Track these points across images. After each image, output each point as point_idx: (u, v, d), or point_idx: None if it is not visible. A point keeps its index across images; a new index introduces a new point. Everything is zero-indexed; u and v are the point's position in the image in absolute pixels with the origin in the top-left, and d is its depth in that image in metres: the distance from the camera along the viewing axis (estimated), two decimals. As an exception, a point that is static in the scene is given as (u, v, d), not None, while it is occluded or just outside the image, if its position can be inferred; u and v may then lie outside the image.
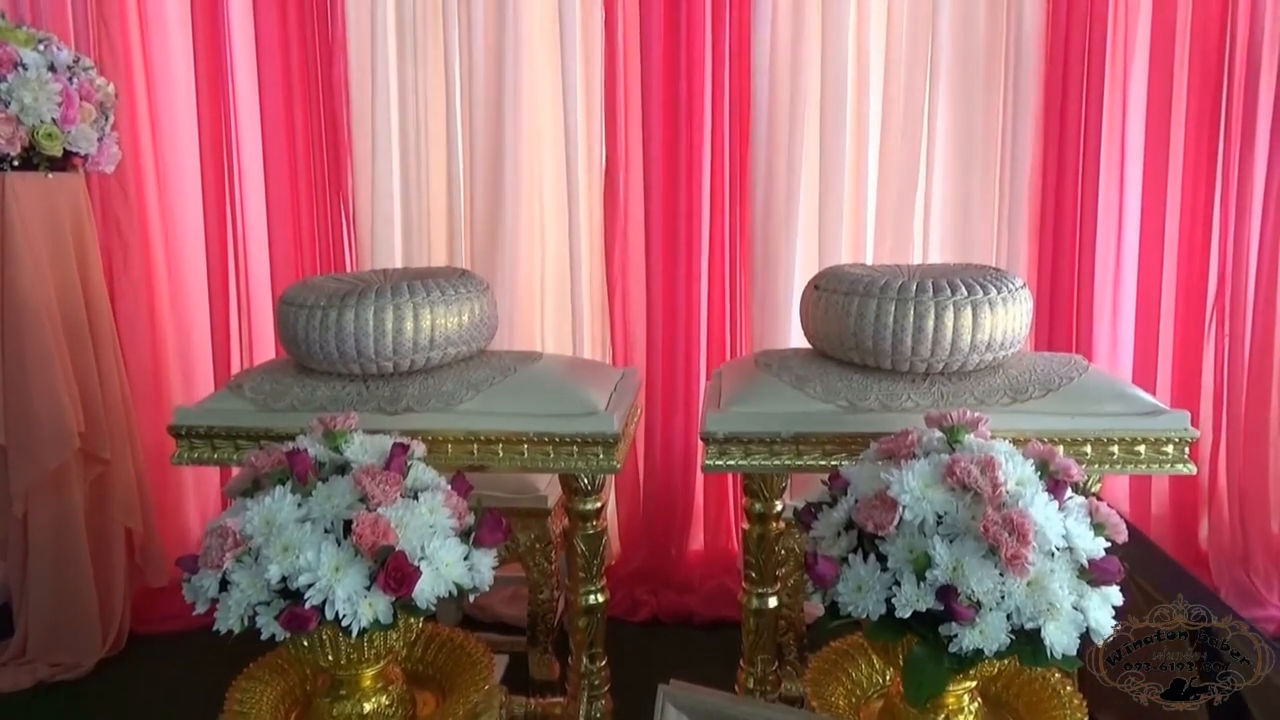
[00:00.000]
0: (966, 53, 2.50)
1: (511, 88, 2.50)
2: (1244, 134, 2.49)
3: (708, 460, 1.66)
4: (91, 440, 2.32)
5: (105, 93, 2.33)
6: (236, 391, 1.73)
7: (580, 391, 1.71)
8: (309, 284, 1.74)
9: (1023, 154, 2.50)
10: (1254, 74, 2.47)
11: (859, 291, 1.62)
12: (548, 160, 2.61)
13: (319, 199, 2.58)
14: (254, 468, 1.43)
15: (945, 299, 1.58)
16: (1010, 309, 1.62)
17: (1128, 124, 2.50)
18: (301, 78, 2.54)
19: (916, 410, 1.60)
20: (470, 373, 1.72)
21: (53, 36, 2.29)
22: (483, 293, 1.76)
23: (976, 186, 2.54)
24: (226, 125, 2.57)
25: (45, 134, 2.18)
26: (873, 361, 1.65)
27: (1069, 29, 2.44)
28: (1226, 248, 2.53)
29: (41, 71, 2.16)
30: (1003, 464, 1.31)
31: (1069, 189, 2.48)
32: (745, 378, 1.76)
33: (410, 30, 2.51)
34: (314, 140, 2.56)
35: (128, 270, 2.58)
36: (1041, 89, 2.48)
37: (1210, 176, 2.52)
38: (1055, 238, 2.50)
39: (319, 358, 1.65)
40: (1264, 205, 2.51)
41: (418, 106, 2.53)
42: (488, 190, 2.55)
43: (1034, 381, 1.65)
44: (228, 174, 2.58)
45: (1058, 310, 2.51)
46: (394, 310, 1.62)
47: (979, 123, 2.52)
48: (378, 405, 1.66)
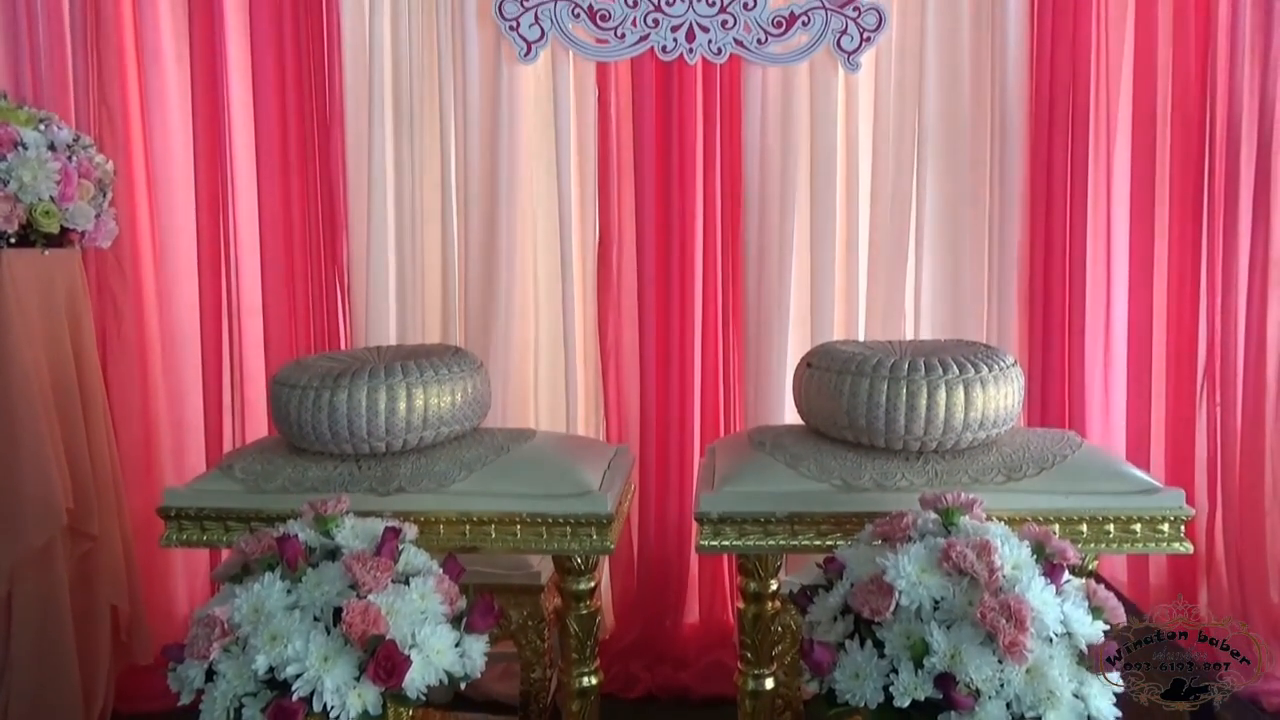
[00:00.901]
0: (952, 132, 2.55)
1: (506, 163, 2.54)
2: (1227, 206, 2.53)
3: (702, 541, 1.65)
4: (80, 516, 2.29)
5: (104, 170, 2.35)
6: (227, 472, 1.72)
7: (574, 470, 1.70)
8: (302, 364, 1.75)
9: (1010, 230, 2.53)
10: (1234, 146, 2.51)
11: (851, 370, 1.63)
12: (542, 236, 2.63)
13: (314, 273, 2.59)
14: (243, 553, 1.41)
15: (937, 378, 1.59)
16: (1002, 387, 1.62)
17: (1113, 199, 2.54)
18: (299, 153, 2.57)
19: (911, 489, 1.60)
20: (463, 452, 1.72)
21: (54, 116, 2.32)
22: (475, 371, 1.76)
23: (966, 262, 2.57)
24: (224, 200, 2.59)
25: (43, 211, 2.19)
26: (866, 440, 1.65)
27: (1052, 108, 2.50)
28: (1214, 319, 2.56)
29: (41, 151, 2.18)
30: (999, 548, 1.31)
31: (1057, 264, 2.51)
32: (739, 456, 1.75)
33: (406, 106, 2.54)
34: (310, 214, 2.58)
35: (122, 344, 2.58)
36: (1026, 166, 2.53)
37: (1195, 248, 2.55)
38: (1045, 313, 2.52)
39: (311, 438, 1.65)
40: (1250, 275, 2.54)
41: (413, 181, 2.56)
42: (482, 265, 2.57)
43: (1028, 460, 1.65)
44: (224, 248, 2.59)
45: (1049, 385, 2.52)
46: (387, 390, 1.62)
47: (966, 200, 2.56)
48: (370, 486, 1.65)
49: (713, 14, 2.50)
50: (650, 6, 2.49)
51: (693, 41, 2.50)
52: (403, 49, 2.53)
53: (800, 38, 2.51)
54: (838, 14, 2.50)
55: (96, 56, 2.55)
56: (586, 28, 2.51)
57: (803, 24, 2.50)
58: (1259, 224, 2.52)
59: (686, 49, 2.51)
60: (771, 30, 2.50)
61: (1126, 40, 2.55)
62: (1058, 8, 2.49)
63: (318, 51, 2.55)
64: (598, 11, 2.50)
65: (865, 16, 2.50)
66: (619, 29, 2.50)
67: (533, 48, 2.51)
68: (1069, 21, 2.48)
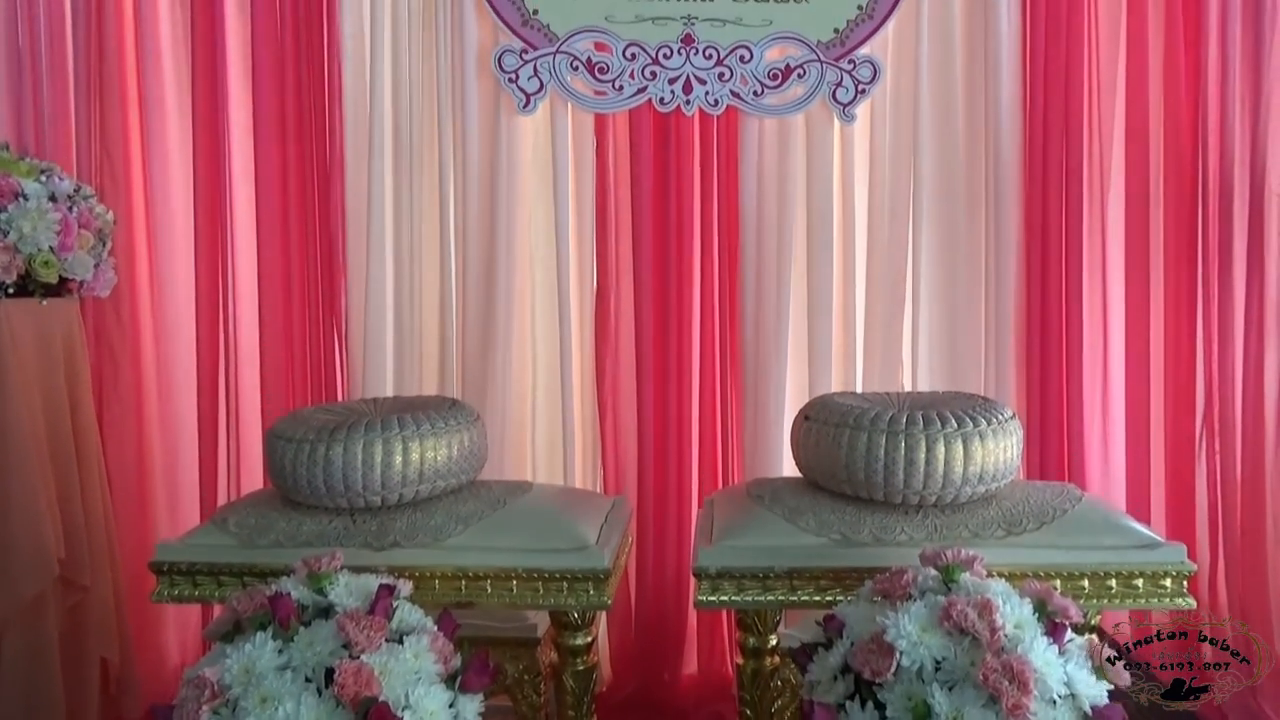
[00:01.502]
0: (947, 182, 2.57)
1: (504, 213, 2.55)
2: (1221, 254, 2.54)
3: (700, 596, 1.63)
4: (71, 566, 2.27)
5: (104, 220, 2.37)
6: (221, 526, 1.70)
7: (570, 524, 1.69)
8: (298, 416, 1.74)
9: (1006, 280, 2.54)
10: (1227, 195, 2.53)
11: (849, 424, 1.63)
12: (540, 285, 2.64)
13: (312, 322, 2.59)
14: (235, 611, 1.39)
15: (935, 431, 1.58)
16: (1001, 440, 1.62)
17: (1107, 248, 2.55)
18: (298, 202, 2.58)
19: (911, 544, 1.59)
20: (459, 506, 1.70)
21: (55, 167, 2.34)
22: (472, 423, 1.76)
23: (962, 312, 2.58)
24: (222, 249, 2.60)
25: (42, 262, 2.20)
26: (865, 494, 1.64)
27: (1045, 158, 2.52)
28: (1212, 367, 2.55)
29: (42, 201, 2.19)
30: (1000, 606, 1.29)
31: (1053, 314, 2.51)
32: (737, 509, 1.74)
33: (406, 156, 2.56)
34: (309, 264, 2.59)
35: (118, 392, 2.57)
36: (1021, 216, 2.54)
37: (1191, 297, 2.56)
38: (1042, 363, 2.52)
39: (306, 492, 1.64)
40: (1245, 323, 2.54)
41: (412, 231, 2.57)
42: (479, 315, 2.57)
43: (1028, 514, 1.64)
44: (222, 297, 2.60)
45: (1048, 436, 2.51)
46: (383, 444, 1.61)
47: (962, 250, 2.57)
48: (364, 540, 1.64)
49: (709, 67, 2.53)
50: (648, 60, 2.53)
51: (690, 93, 2.53)
52: (403, 100, 2.56)
53: (796, 90, 2.54)
54: (833, 67, 2.53)
55: (99, 106, 2.57)
56: (585, 80, 2.54)
57: (798, 76, 2.54)
58: (1253, 272, 2.53)
59: (684, 101, 2.53)
60: (767, 83, 2.53)
61: (1118, 92, 2.58)
62: (1050, 60, 2.52)
63: (319, 101, 2.57)
64: (596, 64, 2.53)
65: (860, 69, 2.53)
66: (617, 81, 2.53)
67: (532, 99, 2.53)
68: (1061, 73, 2.51)
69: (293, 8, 2.54)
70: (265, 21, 2.54)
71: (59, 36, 2.57)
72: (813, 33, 2.53)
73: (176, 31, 2.63)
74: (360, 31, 2.58)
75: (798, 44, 2.53)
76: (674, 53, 2.53)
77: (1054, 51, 2.51)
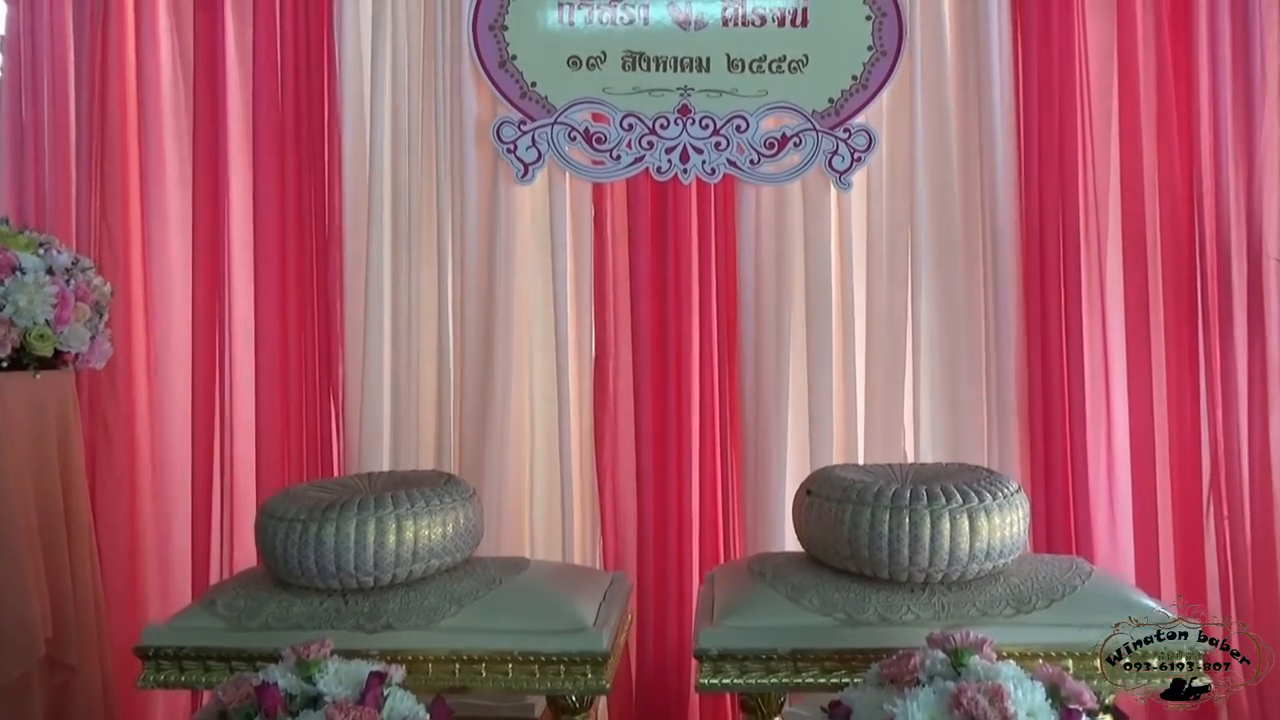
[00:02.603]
0: (945, 248, 2.56)
1: (502, 282, 2.54)
2: (1221, 317, 2.52)
3: (702, 679, 1.59)
4: (58, 646, 2.21)
5: (101, 292, 2.36)
6: (209, 608, 1.66)
7: (568, 604, 1.65)
8: (291, 494, 1.71)
9: (1006, 346, 2.51)
10: (1225, 258, 2.53)
11: (852, 499, 1.60)
12: (538, 354, 2.61)
13: (309, 391, 2.57)
14: (220, 702, 1.35)
15: (940, 507, 1.56)
16: (1006, 515, 1.59)
17: (1107, 313, 2.54)
18: (297, 271, 2.58)
19: (917, 623, 1.55)
20: (453, 585, 1.67)
21: (54, 239, 2.34)
22: (468, 500, 1.73)
23: (964, 378, 2.55)
24: (220, 319, 2.59)
25: (37, 335, 2.18)
26: (869, 571, 1.60)
27: (1042, 223, 2.52)
28: (1216, 431, 2.52)
29: (39, 275, 2.19)
30: (1012, 692, 1.25)
31: (1055, 380, 2.49)
32: (739, 586, 1.70)
33: (404, 225, 2.57)
34: (306, 334, 2.57)
35: (111, 466, 2.54)
36: (1020, 282, 2.53)
37: (1193, 360, 2.54)
38: (1046, 430, 2.48)
39: (297, 573, 1.60)
40: (1249, 385, 2.52)
41: (409, 301, 2.56)
42: (477, 384, 2.55)
43: (1037, 591, 1.60)
44: (219, 367, 2.58)
45: (1054, 507, 2.46)
46: (376, 523, 1.58)
47: (961, 316, 2.56)
48: (356, 622, 1.60)
49: (706, 136, 2.55)
50: (645, 130, 2.55)
51: (687, 162, 2.55)
52: (402, 170, 2.57)
53: (792, 158, 2.56)
54: (828, 135, 2.55)
55: (100, 176, 2.59)
56: (583, 150, 2.56)
57: (794, 145, 2.55)
58: (1255, 334, 2.52)
59: (681, 170, 2.55)
60: (764, 151, 2.55)
61: (1112, 158, 2.58)
62: (1043, 127, 2.53)
63: (318, 171, 2.59)
64: (593, 134, 2.55)
65: (856, 137, 2.55)
66: (614, 151, 2.55)
67: (530, 169, 2.55)
68: (1055, 140, 2.52)
69: (294, 77, 2.57)
70: (266, 91, 2.56)
71: (62, 108, 2.60)
72: (808, 102, 2.55)
73: (179, 102, 2.66)
74: (360, 101, 2.60)
75: (793, 113, 2.56)
76: (671, 123, 2.55)
77: (1047, 119, 2.53)
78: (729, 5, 2.57)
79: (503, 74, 2.55)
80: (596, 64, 2.56)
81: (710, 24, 2.57)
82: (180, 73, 2.65)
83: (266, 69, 2.57)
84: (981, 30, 2.53)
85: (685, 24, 2.57)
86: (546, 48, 2.56)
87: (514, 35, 2.56)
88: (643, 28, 2.56)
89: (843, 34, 2.55)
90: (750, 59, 2.56)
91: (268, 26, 2.57)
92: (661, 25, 2.56)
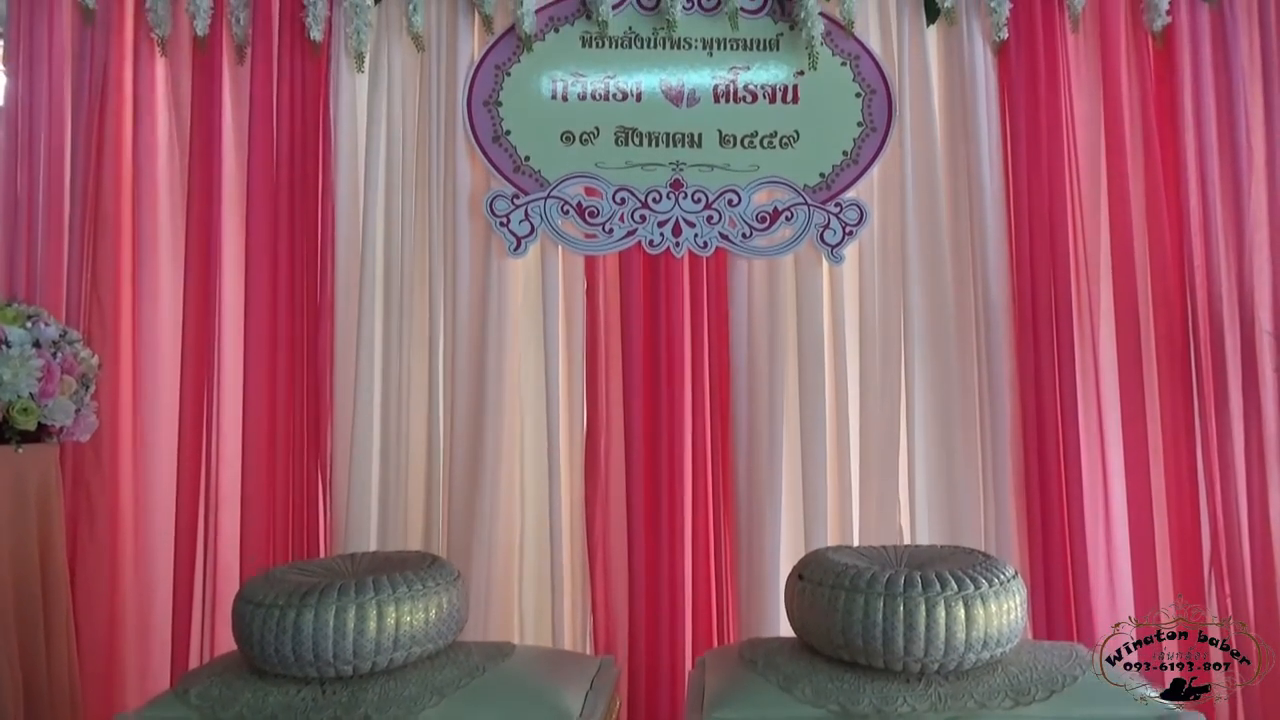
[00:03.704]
0: (938, 322, 2.55)
1: (494, 355, 2.52)
2: (1216, 394, 2.51)
3: (691, 775, 1.53)
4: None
5: (89, 365, 2.35)
6: (182, 698, 1.61)
7: (553, 694, 1.60)
8: (270, 578, 1.67)
9: (1001, 420, 2.49)
10: (1218, 331, 2.52)
11: (845, 585, 1.56)
12: (529, 427, 2.59)
13: (296, 464, 2.53)
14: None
15: (936, 594, 1.52)
16: (1004, 602, 1.55)
17: (1101, 388, 2.52)
18: (287, 343, 2.55)
19: (913, 715, 1.50)
20: (435, 674, 1.61)
21: (42, 312, 2.33)
22: (452, 583, 1.69)
23: (959, 453, 2.52)
24: (209, 390, 2.56)
25: (21, 409, 2.16)
26: (864, 660, 1.56)
27: (1035, 298, 2.51)
28: (1216, 508, 2.48)
29: (25, 348, 2.17)
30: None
31: (1051, 457, 2.46)
32: (730, 675, 1.65)
33: (397, 297, 2.56)
34: (295, 407, 2.54)
35: (93, 539, 2.49)
36: (1013, 357, 2.52)
37: (1189, 435, 2.51)
38: (1043, 509, 2.44)
39: (274, 661, 1.55)
40: (1247, 462, 2.49)
41: (400, 374, 2.54)
42: (467, 458, 2.51)
43: (1036, 681, 1.56)
44: (206, 440, 2.54)
45: (1053, 589, 2.41)
46: (356, 609, 1.54)
47: (956, 390, 2.54)
48: (334, 714, 1.54)
49: (698, 210, 2.56)
50: (637, 203, 2.56)
51: (679, 236, 2.56)
52: (394, 241, 2.57)
53: (784, 232, 2.57)
54: (820, 210, 2.56)
55: (93, 248, 2.58)
56: (575, 223, 2.56)
57: (786, 219, 2.56)
58: (1250, 408, 2.50)
59: (673, 243, 2.55)
60: (756, 225, 2.56)
61: (1102, 231, 2.59)
62: (1033, 201, 2.54)
63: (311, 241, 2.58)
64: (586, 208, 2.56)
65: (847, 211, 2.56)
66: (607, 224, 2.56)
67: (522, 242, 2.55)
68: (1045, 212, 2.53)
69: (289, 151, 2.58)
70: (261, 164, 2.57)
71: (57, 180, 2.59)
72: (799, 177, 2.57)
73: (174, 174, 2.66)
74: (354, 175, 2.61)
75: (785, 188, 2.57)
76: (663, 197, 2.56)
77: (1036, 193, 2.54)
78: (721, 82, 2.60)
79: (496, 149, 2.57)
80: (590, 139, 2.58)
81: (702, 100, 2.60)
82: (176, 145, 2.66)
83: (262, 142, 2.58)
84: (970, 106, 2.57)
85: (678, 100, 2.60)
86: (540, 123, 2.58)
87: (508, 111, 2.58)
88: (635, 104, 2.59)
89: (833, 111, 2.59)
90: (742, 134, 2.59)
91: (264, 100, 2.59)
92: (654, 101, 2.60)
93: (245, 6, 2.59)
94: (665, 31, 2.59)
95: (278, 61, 2.60)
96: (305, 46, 2.58)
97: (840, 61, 2.60)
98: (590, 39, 2.60)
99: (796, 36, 2.57)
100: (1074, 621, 2.40)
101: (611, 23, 2.57)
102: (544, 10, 2.60)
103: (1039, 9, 2.58)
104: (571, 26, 2.61)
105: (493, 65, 2.59)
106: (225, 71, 2.62)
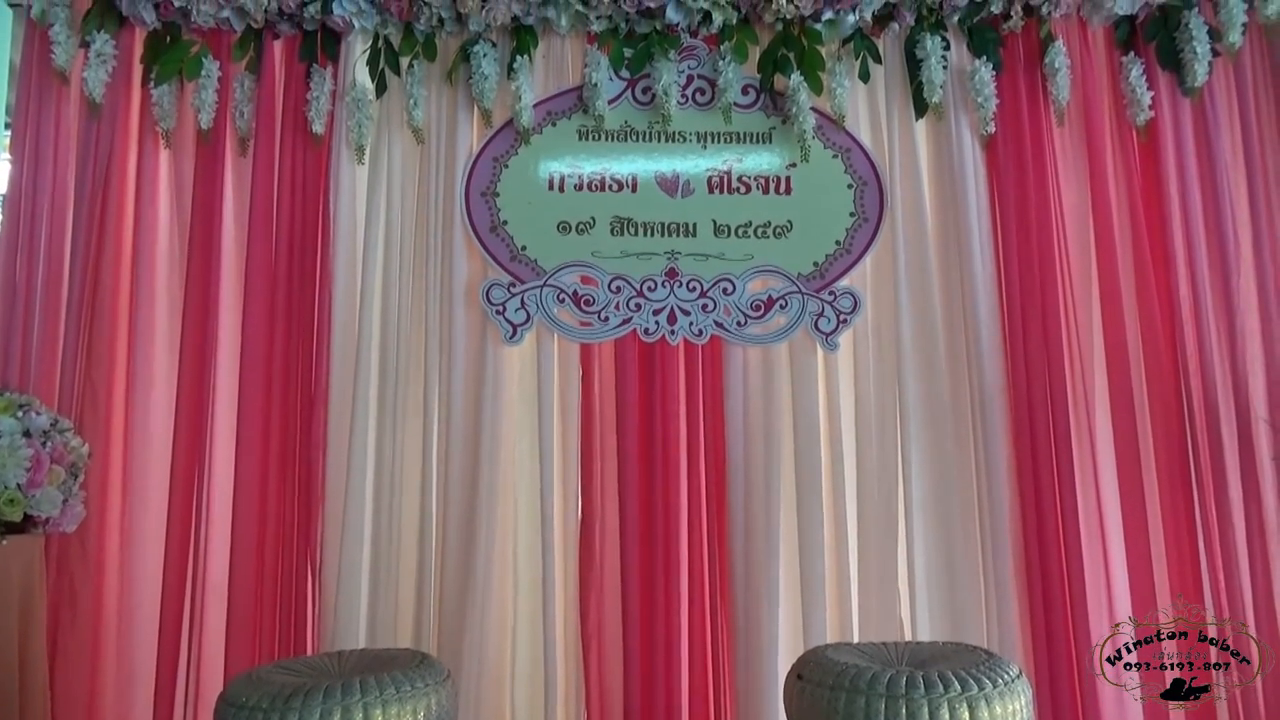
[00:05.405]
0: (933, 410, 2.55)
1: (488, 443, 2.51)
2: (1215, 481, 2.49)
3: None
4: (-1, 835, 2.06)
5: (78, 454, 2.33)
6: (160, 806, 1.54)
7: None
8: (255, 678, 1.62)
9: (1000, 511, 2.46)
10: (1214, 422, 2.52)
11: (845, 686, 1.52)
12: (523, 516, 2.55)
13: (285, 554, 2.48)
14: None
15: (938, 695, 1.48)
16: (1009, 703, 1.51)
17: (1100, 477, 2.50)
18: (280, 432, 2.54)
19: (919, 824, 1.44)
20: (423, 780, 1.56)
21: (34, 400, 2.32)
22: (442, 683, 1.64)
23: (959, 542, 2.48)
24: (199, 481, 2.52)
25: (7, 500, 2.14)
26: (866, 765, 1.50)
27: (1030, 387, 2.51)
28: (1220, 596, 2.44)
29: (15, 438, 2.16)
30: None
31: (1051, 549, 2.42)
32: (728, 780, 1.60)
33: (391, 384, 2.55)
34: (286, 496, 2.51)
35: (75, 632, 2.43)
36: (1010, 444, 2.51)
37: (1190, 525, 2.48)
38: (1045, 600, 2.40)
39: (256, 767, 1.50)
40: (1248, 549, 2.46)
41: (393, 464, 2.51)
42: (459, 554, 2.47)
43: (1044, 788, 1.50)
44: (194, 533, 2.50)
45: (1058, 684, 2.35)
46: (342, 712, 1.50)
47: (953, 477, 2.52)
48: (316, 824, 1.48)
49: (693, 298, 2.58)
50: (633, 292, 2.58)
51: (674, 324, 2.57)
52: (390, 329, 2.58)
53: (779, 319, 2.58)
54: (814, 298, 2.58)
55: (88, 334, 2.58)
56: (571, 311, 2.58)
57: (780, 307, 2.58)
58: (1250, 495, 2.48)
59: (668, 331, 2.57)
60: (750, 313, 2.58)
61: (1094, 316, 2.61)
62: (1024, 286, 2.56)
63: (307, 328, 2.59)
64: (582, 296, 2.58)
65: (841, 300, 2.58)
66: (602, 313, 2.57)
67: (518, 330, 2.56)
68: (1037, 298, 2.55)
69: (289, 240, 2.60)
70: (260, 249, 2.59)
71: (56, 266, 2.60)
72: (793, 266, 2.60)
73: (172, 262, 2.67)
74: (352, 263, 2.63)
75: (779, 277, 2.60)
76: (658, 285, 2.59)
77: (1028, 280, 2.57)
78: (715, 173, 2.65)
79: (493, 238, 2.60)
80: (586, 229, 2.62)
81: (697, 191, 2.64)
82: (177, 234, 2.67)
83: (262, 231, 2.61)
84: (960, 197, 2.61)
85: (672, 191, 2.65)
86: (536, 213, 2.62)
87: (505, 201, 2.62)
88: (630, 194, 2.64)
89: (826, 201, 2.63)
90: (736, 224, 2.62)
91: (265, 190, 2.63)
92: (649, 192, 2.64)
93: (249, 100, 2.64)
94: (660, 125, 2.65)
95: (279, 153, 2.65)
96: (307, 139, 2.63)
97: (832, 154, 2.65)
98: (587, 132, 2.66)
99: (789, 130, 2.62)
100: (1080, 717, 2.33)
101: (608, 117, 2.63)
102: (542, 105, 2.66)
103: (1025, 103, 2.64)
104: (569, 120, 2.66)
105: (491, 157, 2.64)
106: (228, 162, 2.66)
